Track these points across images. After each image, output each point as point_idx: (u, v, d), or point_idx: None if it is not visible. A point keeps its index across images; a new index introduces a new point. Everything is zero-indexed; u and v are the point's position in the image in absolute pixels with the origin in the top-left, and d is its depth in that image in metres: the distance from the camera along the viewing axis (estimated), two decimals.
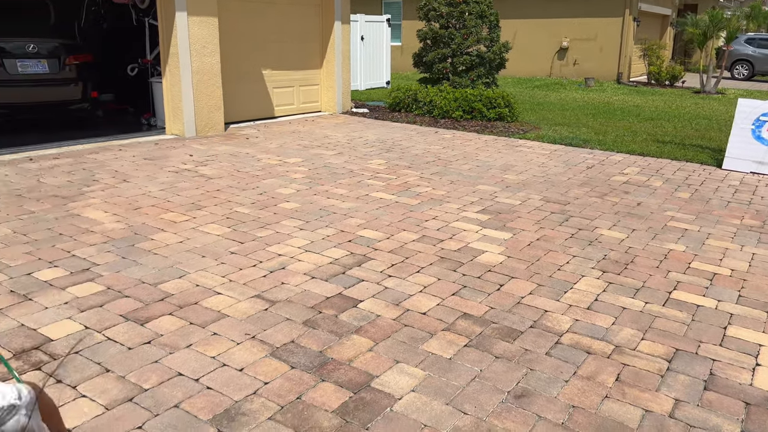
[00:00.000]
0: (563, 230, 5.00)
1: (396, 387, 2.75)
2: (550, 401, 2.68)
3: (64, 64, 8.24)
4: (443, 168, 7.11)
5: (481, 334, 3.26)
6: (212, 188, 5.88)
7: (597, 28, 20.19)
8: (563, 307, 3.61)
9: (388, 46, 16.24)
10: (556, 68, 21.20)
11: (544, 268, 4.18)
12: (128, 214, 5.00)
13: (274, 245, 4.43)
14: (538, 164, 7.48)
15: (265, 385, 2.72)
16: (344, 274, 3.97)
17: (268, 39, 9.97)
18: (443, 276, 4.00)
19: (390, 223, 5.03)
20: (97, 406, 2.53)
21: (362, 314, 3.43)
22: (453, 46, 11.33)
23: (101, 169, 6.46)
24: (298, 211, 5.28)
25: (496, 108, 10.47)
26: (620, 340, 3.24)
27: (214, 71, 8.55)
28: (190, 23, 8.11)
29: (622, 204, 5.84)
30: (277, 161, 7.15)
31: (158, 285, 3.69)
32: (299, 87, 10.77)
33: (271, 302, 3.53)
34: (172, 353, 2.95)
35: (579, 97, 15.33)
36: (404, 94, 11.32)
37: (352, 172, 6.77)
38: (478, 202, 5.75)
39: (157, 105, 8.91)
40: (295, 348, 3.04)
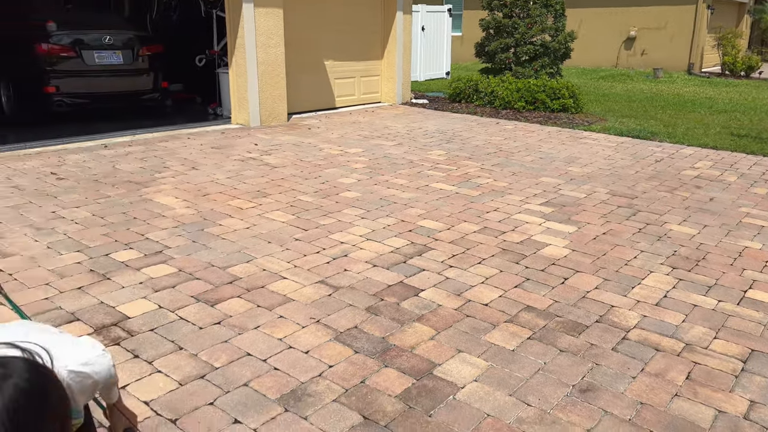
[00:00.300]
0: (630, 225, 4.86)
1: (458, 376, 2.76)
2: (616, 397, 2.63)
3: (137, 55, 8.58)
4: (505, 159, 7.03)
5: (544, 327, 3.22)
6: (277, 177, 6.02)
7: (668, 17, 19.38)
8: (630, 302, 3.52)
9: (449, 37, 16.11)
10: (623, 58, 20.51)
11: (610, 263, 4.08)
12: (197, 200, 5.18)
13: (336, 233, 4.50)
14: (603, 157, 7.28)
15: (329, 368, 2.78)
16: (405, 263, 4.00)
17: (331, 30, 10.07)
18: (505, 268, 3.97)
19: (450, 214, 5.02)
20: (171, 381, 2.65)
21: (423, 303, 3.45)
22: (516, 35, 11.14)
23: (171, 157, 6.71)
24: (359, 200, 5.34)
25: (559, 99, 10.24)
26: (691, 338, 3.14)
27: (279, 62, 8.70)
28: (256, 15, 8.28)
29: (693, 199, 5.62)
30: (338, 151, 7.24)
31: (227, 269, 3.82)
32: (360, 78, 10.84)
33: (335, 288, 3.59)
34: (241, 334, 3.05)
35: (647, 88, 14.79)
36: (465, 84, 11.21)
37: (412, 162, 6.78)
38: (541, 194, 5.65)
39: (224, 95, 9.16)
40: (358, 333, 3.09)
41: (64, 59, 7.90)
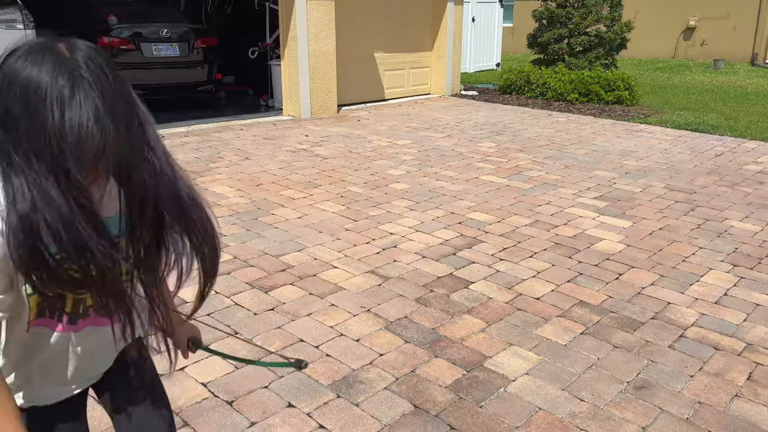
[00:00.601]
0: (688, 220, 4.72)
1: (509, 369, 2.74)
2: (673, 395, 2.57)
3: (192, 47, 8.80)
4: (557, 152, 6.91)
5: (598, 322, 3.16)
6: (327, 167, 6.08)
7: (730, 5, 18.58)
8: (688, 300, 3.42)
9: (500, 28, 15.89)
10: (681, 49, 19.79)
11: (667, 259, 3.97)
12: (251, 190, 5.29)
13: (385, 224, 4.52)
14: (660, 150, 7.07)
15: (380, 357, 2.81)
16: (455, 255, 3.99)
17: (380, 22, 10.07)
18: (558, 262, 3.92)
19: (501, 207, 4.98)
20: (227, 365, 2.73)
21: (474, 295, 3.44)
22: (570, 26, 10.90)
23: (225, 147, 6.86)
24: (408, 191, 5.35)
25: (614, 91, 9.98)
26: (752, 337, 3.03)
27: (330, 54, 8.77)
28: (308, 7, 8.36)
29: (756, 195, 5.40)
30: (387, 143, 7.26)
31: (279, 257, 3.90)
32: (409, 69, 10.82)
33: (385, 278, 3.62)
34: (294, 320, 3.12)
35: (706, 80, 14.24)
36: (516, 75, 11.05)
37: (462, 154, 6.74)
38: (594, 188, 5.54)
39: (275, 87, 9.31)
40: (408, 323, 3.11)
41: (123, 52, 8.18)
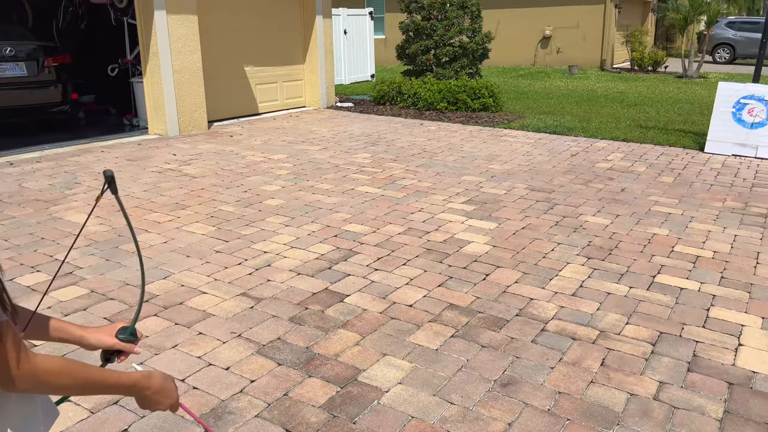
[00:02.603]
0: (548, 218, 5.03)
1: (383, 380, 2.75)
2: (536, 388, 2.70)
3: (42, 66, 8.15)
4: (429, 160, 7.11)
5: (467, 324, 3.27)
6: (196, 187, 5.85)
7: (579, 16, 20.23)
8: (549, 294, 3.63)
9: (372, 40, 16.19)
10: (540, 57, 21.24)
11: (529, 257, 4.20)
12: (111, 216, 4.96)
13: (259, 242, 4.42)
14: (522, 153, 7.50)
15: (251, 383, 2.71)
16: (330, 269, 3.97)
17: (250, 35, 9.90)
18: (429, 267, 4.01)
19: (376, 217, 5.03)
20: (81, 410, 2.52)
21: (349, 308, 3.43)
22: (435, 37, 11.32)
23: (83, 172, 6.40)
24: (283, 207, 5.26)
25: (480, 98, 10.48)
26: (605, 325, 3.27)
27: (196, 69, 8.48)
28: (169, 21, 8.04)
29: (607, 190, 5.87)
30: (261, 158, 7.12)
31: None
32: (282, 83, 10.72)
33: (257, 300, 3.52)
34: (158, 354, 2.94)
35: (563, 85, 15.38)
36: (388, 87, 11.29)
37: (338, 166, 6.76)
38: (463, 192, 5.76)
39: (139, 105, 8.84)
40: (281, 345, 3.04)
41: None
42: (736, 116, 7.42)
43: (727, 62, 21.99)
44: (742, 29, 21.74)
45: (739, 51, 21.78)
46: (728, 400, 2.63)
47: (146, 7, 7.93)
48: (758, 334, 3.18)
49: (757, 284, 3.79)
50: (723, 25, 21.93)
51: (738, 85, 7.54)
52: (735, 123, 7.43)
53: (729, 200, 5.57)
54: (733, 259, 4.18)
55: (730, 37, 21.85)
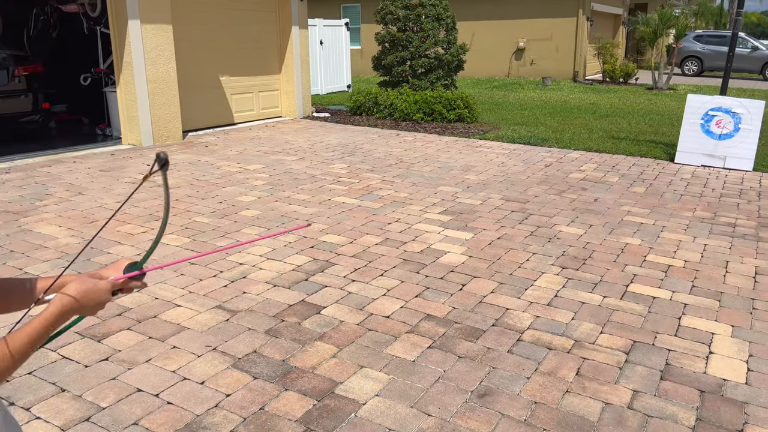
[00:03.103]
0: (523, 228, 5.08)
1: (360, 392, 2.74)
2: (512, 399, 2.71)
3: (12, 75, 8.01)
4: (405, 170, 7.14)
5: (444, 334, 3.28)
6: (171, 199, 5.78)
7: (552, 28, 20.57)
8: (524, 304, 3.66)
9: (348, 50, 16.24)
10: (514, 68, 21.52)
11: (505, 267, 4.23)
12: (83, 228, 4.87)
13: (234, 254, 4.38)
14: (497, 164, 7.57)
15: (227, 397, 2.68)
16: (307, 281, 3.95)
17: (225, 45, 9.86)
18: (406, 278, 4.02)
19: (353, 228, 5.03)
20: (52, 427, 2.46)
21: (325, 320, 3.42)
22: (411, 48, 11.40)
23: (54, 183, 6.29)
24: (259, 218, 5.23)
25: (455, 109, 10.57)
26: (580, 334, 3.30)
27: (170, 79, 8.41)
28: (143, 31, 7.97)
29: (580, 200, 5.96)
30: (237, 168, 7.07)
31: (115, 299, 3.61)
32: (258, 93, 10.68)
33: (233, 312, 3.49)
34: (131, 369, 2.89)
35: (537, 96, 15.59)
36: (365, 97, 11.33)
37: (314, 177, 6.75)
38: (439, 203, 5.79)
39: (112, 115, 8.73)
40: (257, 358, 3.01)
41: None
42: (705, 128, 7.60)
43: (696, 74, 22.53)
44: (709, 43, 22.31)
45: (707, 64, 22.34)
46: (700, 407, 2.67)
47: (120, 17, 7.86)
48: (728, 342, 3.25)
49: (726, 293, 3.87)
50: (691, 38, 22.48)
51: (706, 97, 7.73)
52: (703, 134, 7.61)
53: (699, 210, 5.69)
54: (703, 268, 4.27)
55: (698, 50, 22.40)
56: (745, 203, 5.96)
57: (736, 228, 5.18)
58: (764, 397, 2.75)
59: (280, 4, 10.68)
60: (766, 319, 3.53)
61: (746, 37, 21.74)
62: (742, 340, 3.27)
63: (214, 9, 9.58)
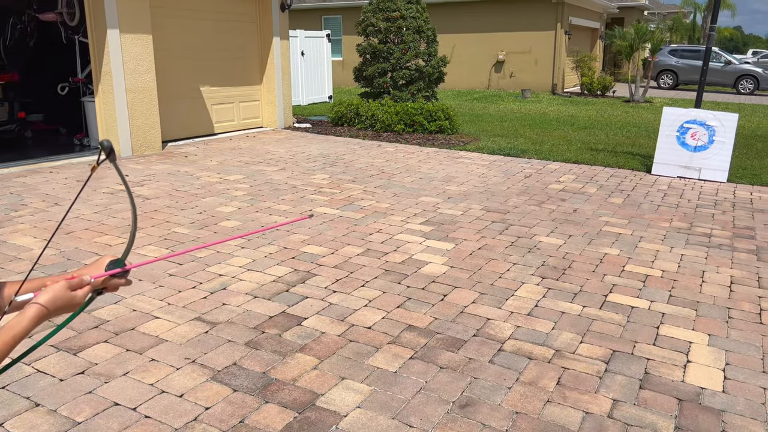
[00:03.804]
0: (503, 239, 5.11)
1: (341, 404, 2.73)
2: (494, 409, 2.72)
3: None
4: (387, 181, 7.16)
5: (425, 345, 3.27)
6: (149, 209, 5.72)
7: (531, 42, 20.85)
8: (505, 314, 3.67)
9: (329, 61, 16.29)
10: (494, 81, 21.75)
11: (485, 277, 4.25)
12: (59, 239, 4.80)
13: (214, 265, 4.34)
14: (478, 175, 7.62)
15: (206, 411, 2.64)
16: (288, 292, 3.92)
17: (206, 56, 9.83)
18: (388, 289, 4.01)
19: (334, 238, 5.01)
20: None
21: (306, 332, 3.40)
22: (392, 60, 11.46)
23: (30, 193, 6.18)
24: (239, 229, 5.19)
25: (436, 121, 10.63)
26: (560, 344, 3.32)
27: (150, 89, 8.35)
28: (123, 41, 7.91)
29: (559, 211, 6.01)
30: (217, 179, 7.03)
31: (92, 312, 3.55)
32: (239, 103, 10.65)
33: (212, 324, 3.45)
34: (108, 382, 2.84)
35: (516, 108, 15.76)
36: (346, 108, 11.35)
37: (295, 187, 6.73)
38: (421, 213, 5.80)
39: (90, 125, 8.63)
40: (237, 370, 2.98)
41: None
42: (680, 140, 7.74)
43: (671, 88, 22.96)
44: (684, 57, 22.78)
45: (682, 77, 22.79)
46: (678, 416, 2.70)
47: (99, 26, 7.79)
48: (705, 350, 3.29)
49: (703, 302, 3.93)
50: (666, 52, 22.94)
51: (681, 110, 7.88)
52: (679, 146, 7.75)
53: (675, 221, 5.78)
54: (680, 278, 4.33)
55: (673, 64, 22.85)
56: (720, 214, 6.07)
57: (711, 238, 5.27)
58: (741, 405, 2.79)
59: (262, 15, 10.69)
60: (742, 327, 3.58)
61: (720, 52, 22.25)
62: (719, 348, 3.32)
63: (194, 19, 9.55)
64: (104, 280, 1.29)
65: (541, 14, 20.36)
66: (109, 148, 1.19)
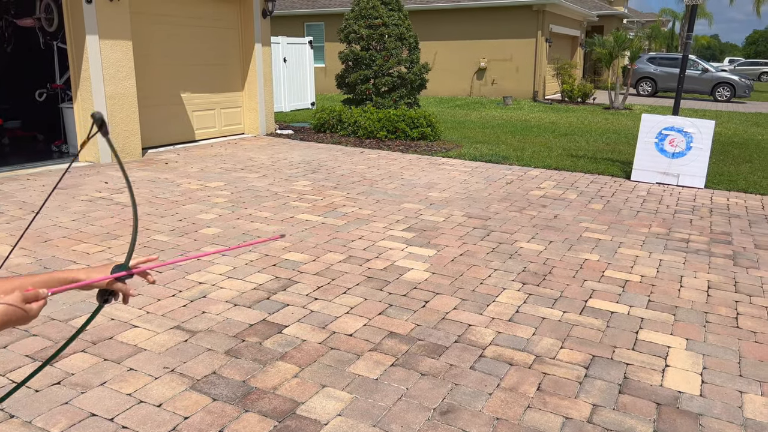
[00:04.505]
0: (485, 245, 5.13)
1: (322, 412, 2.71)
2: (475, 415, 2.72)
3: None
4: (369, 188, 7.16)
5: (407, 352, 3.27)
6: (129, 216, 5.66)
7: (512, 49, 21.04)
8: (486, 320, 3.68)
9: (312, 68, 16.28)
10: (476, 88, 21.89)
11: (467, 283, 4.26)
12: (36, 248, 4.72)
13: (194, 273, 4.30)
14: (460, 181, 7.66)
15: (185, 420, 2.61)
16: (269, 300, 3.90)
17: (187, 62, 9.77)
18: (370, 296, 4.00)
19: (316, 245, 5.00)
20: None
21: (287, 340, 3.38)
22: (374, 67, 11.49)
23: (7, 201, 6.09)
24: (220, 236, 5.16)
25: (419, 127, 10.67)
26: (540, 349, 3.34)
27: (130, 95, 8.28)
28: (102, 47, 7.84)
29: (540, 217, 6.06)
30: (197, 186, 6.98)
31: (69, 321, 3.50)
32: (221, 110, 10.59)
33: (192, 333, 3.41)
34: (84, 393, 2.79)
35: (498, 115, 15.87)
36: (329, 114, 11.35)
37: (277, 194, 6.70)
38: (403, 220, 5.81)
39: (69, 131, 8.53)
40: (216, 379, 2.95)
41: None
42: (659, 146, 7.85)
43: (650, 95, 23.29)
44: (662, 64, 23.14)
45: (660, 85, 23.14)
46: (657, 420, 2.73)
47: (78, 32, 7.72)
48: (683, 354, 3.33)
49: (681, 307, 3.98)
50: (645, 60, 23.29)
51: (659, 117, 7.99)
52: (658, 153, 7.86)
53: (654, 226, 5.85)
54: (659, 283, 4.38)
55: (651, 71, 23.19)
56: (697, 219, 6.15)
57: (689, 243, 5.34)
58: (718, 409, 2.82)
59: (243, 22, 10.67)
60: (719, 332, 3.63)
61: (697, 60, 22.63)
62: (696, 353, 3.36)
63: (175, 25, 9.50)
64: (109, 283, 1.28)
65: (522, 22, 20.57)
66: (100, 120, 1.16)
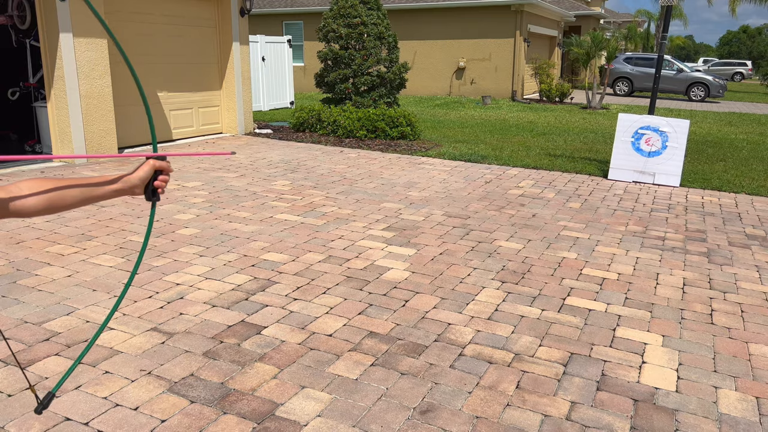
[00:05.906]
0: (464, 244, 5.15)
1: (301, 413, 2.69)
2: (454, 414, 2.72)
3: None
4: (349, 187, 7.14)
5: (387, 351, 3.27)
6: (104, 217, 5.58)
7: (491, 49, 21.15)
8: (465, 319, 3.70)
9: (291, 67, 16.20)
10: (455, 87, 21.97)
11: (446, 282, 4.27)
12: (8, 249, 4.63)
13: (171, 274, 4.25)
14: (439, 180, 7.68)
15: (162, 423, 2.58)
16: (247, 300, 3.87)
17: (163, 61, 9.66)
18: (349, 296, 3.99)
19: (295, 245, 4.97)
20: None
21: (266, 341, 3.35)
22: (354, 66, 11.47)
23: None
24: (197, 237, 5.10)
25: (398, 127, 10.67)
26: (519, 347, 3.36)
27: (105, 94, 8.16)
28: (76, 45, 7.71)
29: (519, 216, 6.10)
30: (174, 185, 6.90)
31: (43, 324, 3.43)
32: (198, 109, 10.49)
33: (169, 335, 3.37)
34: (59, 397, 2.74)
35: (477, 114, 15.94)
36: (308, 114, 11.30)
37: (256, 194, 6.65)
38: (383, 219, 5.80)
39: (42, 131, 8.37)
40: (194, 381, 2.92)
41: None
42: (635, 145, 7.95)
43: (626, 95, 23.59)
44: (638, 64, 23.44)
45: (637, 84, 23.44)
46: (634, 416, 2.76)
47: (51, 30, 7.58)
48: (659, 351, 3.37)
49: (657, 304, 4.03)
50: (622, 60, 23.57)
51: (636, 116, 8.09)
52: (634, 152, 7.96)
53: (631, 224, 5.92)
54: (635, 281, 4.43)
55: (628, 71, 23.49)
56: (673, 217, 6.24)
57: (665, 241, 5.41)
58: (693, 405, 2.86)
59: (221, 20, 10.57)
60: (694, 328, 3.69)
61: (672, 60, 22.98)
62: (672, 349, 3.40)
63: (151, 23, 9.38)
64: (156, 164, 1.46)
65: (500, 22, 20.69)
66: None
